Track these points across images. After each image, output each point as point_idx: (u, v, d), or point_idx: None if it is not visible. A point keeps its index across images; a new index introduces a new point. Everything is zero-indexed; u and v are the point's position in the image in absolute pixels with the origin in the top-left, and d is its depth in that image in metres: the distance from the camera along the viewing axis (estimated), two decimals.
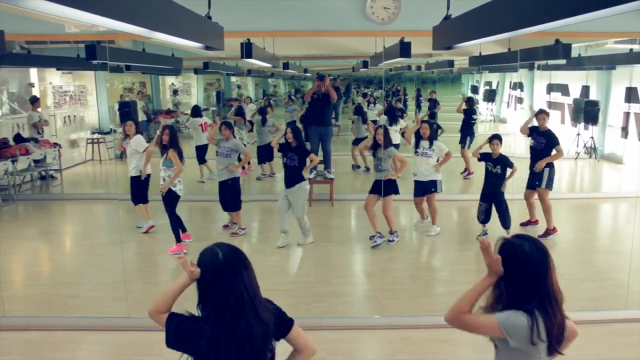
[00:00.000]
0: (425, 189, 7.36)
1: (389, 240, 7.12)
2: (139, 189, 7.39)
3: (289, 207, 7.01)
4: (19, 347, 4.64)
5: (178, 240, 6.88)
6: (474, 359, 4.48)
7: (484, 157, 7.07)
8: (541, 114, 7.54)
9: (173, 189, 6.69)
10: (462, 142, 10.77)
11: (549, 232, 7.10)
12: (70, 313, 5.25)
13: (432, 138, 7.34)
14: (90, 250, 7.09)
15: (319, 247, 7.28)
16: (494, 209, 7.09)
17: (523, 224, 7.54)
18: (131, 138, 7.33)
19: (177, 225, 6.92)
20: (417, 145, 7.34)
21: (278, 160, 10.82)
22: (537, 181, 7.22)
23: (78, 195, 10.16)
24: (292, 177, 6.93)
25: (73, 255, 7.24)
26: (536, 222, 7.52)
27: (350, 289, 5.93)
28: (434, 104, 13.84)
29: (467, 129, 10.83)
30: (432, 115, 11.57)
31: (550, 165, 7.20)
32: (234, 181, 7.33)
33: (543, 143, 7.28)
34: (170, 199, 6.72)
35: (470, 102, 11.25)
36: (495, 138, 7.03)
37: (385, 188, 6.83)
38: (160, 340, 4.89)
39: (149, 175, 7.40)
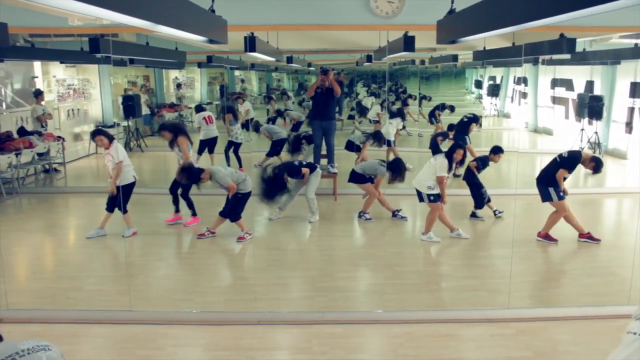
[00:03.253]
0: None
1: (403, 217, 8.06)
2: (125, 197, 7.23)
3: (297, 192, 8.01)
4: (23, 339, 4.65)
5: (194, 213, 7.77)
6: (477, 354, 4.49)
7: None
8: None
9: None
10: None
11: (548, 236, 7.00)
12: (74, 306, 5.27)
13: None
14: (94, 244, 7.10)
15: (322, 241, 7.30)
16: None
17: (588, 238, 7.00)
18: (108, 148, 7.01)
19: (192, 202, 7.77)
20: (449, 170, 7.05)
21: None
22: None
23: (81, 188, 10.17)
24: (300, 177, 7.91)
25: (76, 248, 7.26)
26: (588, 234, 6.97)
27: (353, 284, 5.94)
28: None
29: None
30: (451, 126, 11.47)
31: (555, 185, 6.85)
32: (244, 195, 7.05)
33: None
34: None
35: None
36: (500, 151, 8.00)
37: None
38: (163, 334, 4.92)
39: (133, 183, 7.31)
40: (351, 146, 10.50)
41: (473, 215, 8.02)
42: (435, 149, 9.72)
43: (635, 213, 8.33)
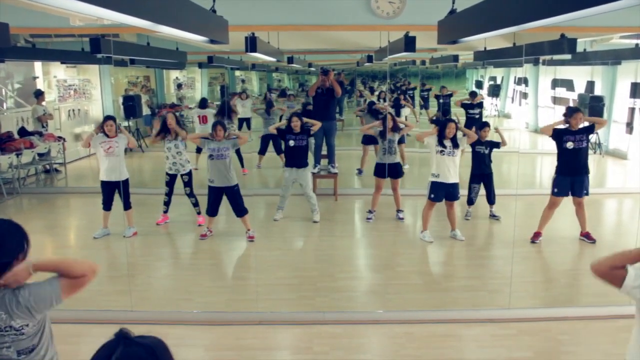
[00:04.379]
0: (449, 193, 6.90)
1: (400, 218, 8.00)
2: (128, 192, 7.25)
3: (290, 190, 7.97)
4: None
5: (200, 212, 7.81)
6: (478, 354, 4.49)
7: (475, 142, 7.55)
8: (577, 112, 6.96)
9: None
10: None
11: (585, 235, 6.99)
12: (74, 306, 5.24)
13: (455, 136, 6.85)
14: (95, 244, 7.11)
15: (323, 241, 7.29)
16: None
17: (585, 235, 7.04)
18: (114, 137, 6.99)
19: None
20: (440, 144, 6.75)
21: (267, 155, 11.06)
22: (586, 190, 6.82)
23: (82, 188, 10.17)
24: (303, 157, 7.80)
25: (77, 248, 7.26)
26: (587, 233, 7.01)
27: (353, 284, 5.93)
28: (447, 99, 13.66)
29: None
30: (445, 112, 11.55)
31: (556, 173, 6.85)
32: (238, 187, 7.04)
33: (585, 140, 6.78)
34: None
35: (473, 96, 11.34)
36: (486, 125, 7.84)
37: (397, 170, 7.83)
38: (164, 334, 4.90)
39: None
40: (365, 139, 10.40)
41: (467, 216, 8.06)
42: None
43: (636, 214, 8.33)
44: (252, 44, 5.82)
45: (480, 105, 11.44)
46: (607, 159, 12.59)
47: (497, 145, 7.75)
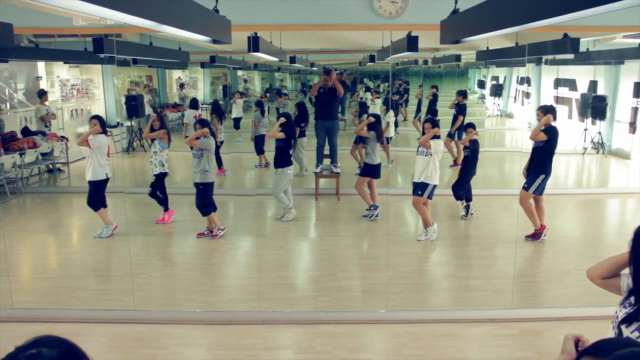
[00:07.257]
0: (414, 190, 7.04)
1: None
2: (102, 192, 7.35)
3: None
4: (27, 338, 4.66)
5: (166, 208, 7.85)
6: (479, 354, 4.49)
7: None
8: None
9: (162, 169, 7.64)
10: (451, 134, 10.83)
11: (538, 232, 6.91)
12: (78, 305, 5.29)
13: (435, 136, 6.89)
14: (97, 243, 7.12)
15: (325, 241, 7.30)
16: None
17: (530, 236, 6.99)
18: (96, 133, 7.08)
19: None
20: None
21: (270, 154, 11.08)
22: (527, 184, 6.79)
23: (85, 188, 10.05)
24: (276, 158, 7.77)
25: (80, 248, 7.28)
26: (543, 227, 6.96)
27: (355, 283, 5.94)
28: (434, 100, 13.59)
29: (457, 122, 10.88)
30: (434, 112, 11.55)
31: (546, 173, 6.74)
32: (205, 187, 7.06)
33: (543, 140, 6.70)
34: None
35: (464, 96, 11.31)
36: (469, 126, 7.76)
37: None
38: (167, 333, 4.93)
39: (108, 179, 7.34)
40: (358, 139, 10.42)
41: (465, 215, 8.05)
42: None
43: (638, 213, 8.33)
44: (254, 43, 5.82)
45: (457, 105, 11.27)
46: (610, 159, 12.57)
47: (468, 149, 7.69)
